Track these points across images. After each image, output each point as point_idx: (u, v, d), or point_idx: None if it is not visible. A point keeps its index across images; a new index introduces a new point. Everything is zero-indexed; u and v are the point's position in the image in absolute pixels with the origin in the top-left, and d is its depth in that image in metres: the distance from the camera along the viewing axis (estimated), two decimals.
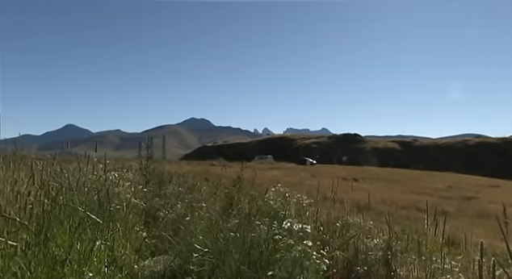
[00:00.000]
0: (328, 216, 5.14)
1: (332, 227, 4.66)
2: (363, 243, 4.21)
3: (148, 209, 6.21)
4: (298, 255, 2.93)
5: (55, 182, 4.17)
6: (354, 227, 4.65)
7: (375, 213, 6.41)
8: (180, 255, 4.03)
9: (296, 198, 6.06)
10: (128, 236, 4.23)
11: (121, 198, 4.98)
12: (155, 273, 3.80)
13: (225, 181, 8.45)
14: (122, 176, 6.84)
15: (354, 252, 4.06)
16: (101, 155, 7.01)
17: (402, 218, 12.05)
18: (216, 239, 3.71)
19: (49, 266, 2.57)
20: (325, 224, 4.76)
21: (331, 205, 6.20)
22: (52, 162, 5.26)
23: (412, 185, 28.90)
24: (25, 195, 3.37)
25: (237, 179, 7.07)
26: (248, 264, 3.31)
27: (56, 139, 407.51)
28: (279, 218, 4.39)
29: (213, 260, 3.48)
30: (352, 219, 4.91)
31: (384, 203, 14.18)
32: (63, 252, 2.78)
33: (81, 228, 2.93)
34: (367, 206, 6.76)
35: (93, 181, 5.21)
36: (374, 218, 5.44)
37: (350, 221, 4.82)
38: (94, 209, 3.71)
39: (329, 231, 4.54)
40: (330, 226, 4.72)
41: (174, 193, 7.26)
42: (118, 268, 3.40)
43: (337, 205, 6.47)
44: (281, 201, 5.90)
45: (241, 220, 4.09)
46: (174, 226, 5.04)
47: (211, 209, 5.33)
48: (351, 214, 5.27)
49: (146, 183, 8.13)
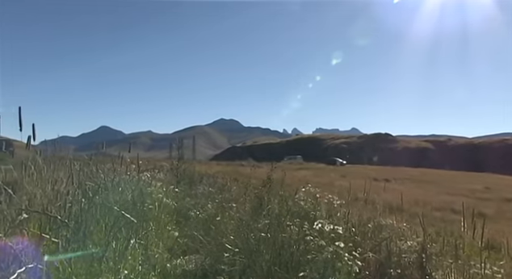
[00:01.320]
0: (359, 217, 5.05)
1: (364, 229, 4.57)
2: (396, 245, 4.10)
3: (180, 208, 6.31)
4: (330, 256, 2.90)
5: (91, 182, 4.31)
6: (387, 229, 4.54)
7: (408, 214, 6.25)
8: (211, 254, 4.07)
9: (327, 199, 6.00)
10: (160, 235, 4.32)
11: (153, 198, 5.09)
12: (187, 272, 3.86)
13: (255, 181, 8.48)
14: (154, 176, 6.99)
15: (386, 254, 3.96)
16: (133, 155, 7.18)
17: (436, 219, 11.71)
18: (247, 239, 3.72)
19: (87, 263, 2.66)
20: (357, 225, 4.67)
21: (362, 206, 6.09)
22: (88, 162, 5.43)
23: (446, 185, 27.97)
24: (64, 194, 3.51)
25: (267, 179, 7.08)
26: (279, 265, 3.31)
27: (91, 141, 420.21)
28: (310, 218, 4.36)
29: (244, 260, 3.49)
30: (384, 221, 4.80)
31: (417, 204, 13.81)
32: (100, 250, 2.87)
33: (116, 227, 3.02)
34: (399, 207, 6.58)
35: (126, 181, 5.34)
36: (407, 220, 5.29)
37: (382, 222, 4.71)
38: (128, 208, 3.80)
39: (361, 232, 4.45)
40: (362, 227, 4.64)
41: (205, 194, 7.35)
42: (151, 266, 3.47)
43: (368, 206, 6.36)
44: (311, 201, 5.86)
45: (272, 220, 4.08)
46: (205, 226, 5.09)
47: (241, 209, 5.36)
48: (383, 216, 5.15)
49: (177, 183, 8.27)
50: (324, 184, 15.03)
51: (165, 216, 5.10)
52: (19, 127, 3.37)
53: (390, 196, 10.21)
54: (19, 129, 3.39)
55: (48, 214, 2.57)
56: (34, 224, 2.91)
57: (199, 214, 5.49)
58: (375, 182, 20.41)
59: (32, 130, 3.50)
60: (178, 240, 4.34)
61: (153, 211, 4.62)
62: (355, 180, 14.86)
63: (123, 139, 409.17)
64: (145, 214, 3.96)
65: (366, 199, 6.55)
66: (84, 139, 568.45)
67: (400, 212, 5.92)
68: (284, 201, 5.18)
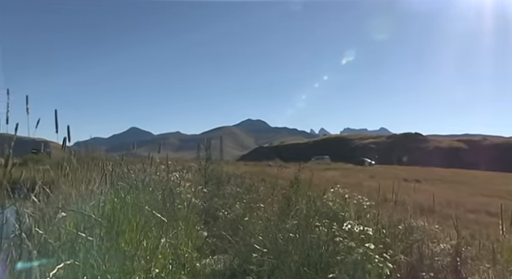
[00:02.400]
0: (389, 218, 4.95)
1: (394, 230, 4.48)
2: (428, 247, 3.99)
3: (208, 209, 6.39)
4: (360, 258, 2.86)
5: (123, 182, 4.42)
6: (418, 231, 4.43)
7: (441, 216, 6.06)
8: (239, 254, 4.10)
9: (356, 200, 5.91)
10: (189, 235, 4.38)
11: (182, 198, 5.16)
12: (216, 272, 3.90)
13: (282, 181, 8.46)
14: (183, 176, 7.09)
15: (418, 257, 3.86)
16: (162, 156, 7.32)
17: (470, 222, 11.31)
18: (275, 239, 3.73)
19: (120, 261, 2.73)
20: (387, 227, 4.58)
21: (392, 207, 5.97)
22: (120, 163, 5.57)
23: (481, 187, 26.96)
24: (97, 194, 3.62)
25: (294, 180, 7.05)
26: (307, 266, 3.30)
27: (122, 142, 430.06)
28: (339, 219, 4.32)
29: (273, 260, 3.50)
30: (415, 222, 4.69)
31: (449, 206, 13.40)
32: (131, 248, 2.94)
33: (147, 226, 3.08)
34: (430, 208, 6.40)
35: (156, 181, 5.46)
36: (439, 222, 5.13)
37: (413, 224, 4.60)
38: (158, 208, 3.88)
39: (392, 234, 4.36)
40: (392, 229, 4.54)
41: (233, 194, 7.39)
42: (181, 265, 3.53)
43: (398, 207, 6.23)
44: (340, 202, 5.79)
45: (300, 221, 4.06)
46: (233, 226, 5.13)
47: (269, 209, 5.36)
48: (414, 217, 5.03)
49: (205, 183, 8.37)
50: (352, 184, 14.83)
51: (193, 216, 5.17)
52: (55, 129, 3.49)
53: (421, 197, 9.96)
54: (55, 131, 3.51)
55: (83, 212, 2.66)
56: (70, 222, 3.01)
57: (227, 214, 5.53)
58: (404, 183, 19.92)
59: (67, 131, 3.62)
60: (206, 240, 4.39)
61: (183, 211, 4.69)
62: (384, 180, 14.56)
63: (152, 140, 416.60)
64: (175, 213, 4.02)
65: (396, 200, 6.42)
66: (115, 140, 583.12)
67: (432, 213, 5.76)
68: (312, 202, 5.14)
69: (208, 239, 4.56)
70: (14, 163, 2.72)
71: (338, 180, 16.78)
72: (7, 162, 2.49)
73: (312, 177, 7.83)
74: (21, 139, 2.89)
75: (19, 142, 2.83)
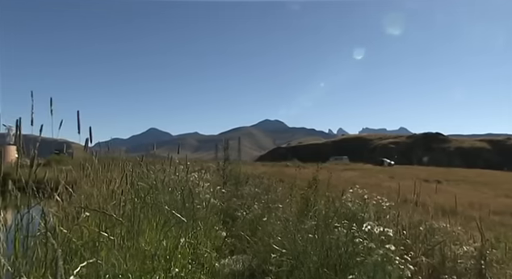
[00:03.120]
0: (410, 219, 4.87)
1: (415, 232, 4.40)
2: (451, 249, 3.90)
3: (226, 209, 6.41)
4: (380, 259, 2.82)
5: (143, 182, 4.48)
6: (440, 233, 4.34)
7: (463, 218, 5.91)
8: (258, 255, 4.10)
9: (375, 200, 5.84)
10: (208, 235, 4.41)
11: (201, 198, 5.20)
12: (235, 272, 3.91)
13: (300, 182, 8.42)
14: (201, 177, 7.14)
15: (440, 259, 3.78)
16: (181, 156, 7.38)
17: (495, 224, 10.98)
18: (294, 240, 3.71)
19: (140, 260, 2.76)
20: (407, 228, 4.50)
21: (413, 208, 5.87)
22: (140, 163, 5.65)
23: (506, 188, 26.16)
24: (118, 194, 3.67)
25: (313, 180, 7.01)
26: (327, 267, 3.27)
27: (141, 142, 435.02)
28: (358, 220, 4.27)
29: (292, 261, 3.48)
30: (437, 224, 4.59)
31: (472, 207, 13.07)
32: (151, 248, 2.98)
33: (167, 226, 3.11)
34: (452, 209, 6.25)
35: (175, 181, 5.51)
36: (461, 224, 5.01)
37: (434, 225, 4.51)
38: (178, 208, 3.91)
39: (412, 235, 4.28)
40: (413, 230, 4.46)
41: (251, 194, 7.40)
42: (200, 265, 3.55)
43: (419, 208, 6.12)
44: (359, 203, 5.73)
45: (319, 222, 4.04)
46: (252, 227, 5.13)
47: (287, 210, 5.35)
48: (436, 218, 4.93)
49: (224, 184, 8.40)
50: (371, 185, 14.62)
51: (212, 216, 5.19)
52: (78, 130, 3.56)
53: (442, 198, 9.74)
54: (78, 132, 3.57)
55: (105, 212, 2.70)
56: (91, 222, 3.07)
57: (246, 214, 5.54)
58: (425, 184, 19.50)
59: (89, 133, 3.68)
60: (225, 240, 4.40)
61: (202, 211, 4.72)
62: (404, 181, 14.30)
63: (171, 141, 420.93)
64: (194, 213, 4.05)
65: (416, 201, 6.31)
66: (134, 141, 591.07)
67: (454, 215, 5.63)
68: (331, 203, 5.10)
69: (227, 240, 4.57)
70: (39, 163, 2.79)
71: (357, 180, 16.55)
72: (32, 163, 2.56)
73: (330, 178, 7.77)
74: (44, 139, 2.95)
75: (42, 143, 2.90)
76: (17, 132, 2.63)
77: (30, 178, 2.64)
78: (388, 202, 5.74)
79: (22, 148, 2.69)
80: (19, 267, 2.14)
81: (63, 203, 3.43)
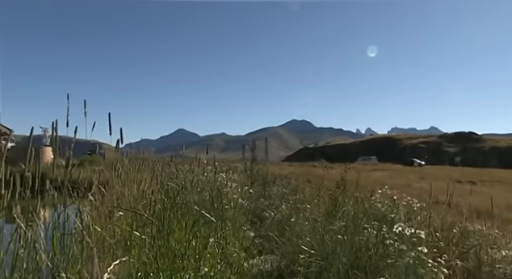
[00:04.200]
0: (442, 221, 4.73)
1: (448, 234, 4.27)
2: (488, 253, 3.74)
3: (254, 209, 6.42)
4: (412, 261, 2.76)
5: (172, 182, 4.55)
6: (475, 235, 4.19)
7: (500, 220, 5.70)
8: (286, 255, 4.08)
9: (406, 201, 5.72)
10: (237, 235, 4.43)
11: (229, 198, 5.23)
12: (263, 272, 3.91)
13: (328, 182, 8.34)
14: (229, 177, 7.18)
15: (476, 264, 3.63)
16: (209, 157, 7.46)
17: None
18: (323, 241, 3.68)
19: (170, 259, 2.81)
20: (440, 230, 4.38)
21: (445, 209, 5.71)
22: (169, 164, 5.74)
23: None
24: (148, 194, 3.75)
25: (341, 180, 6.93)
26: (356, 268, 3.22)
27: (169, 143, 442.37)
28: (388, 221, 4.19)
29: (320, 262, 3.45)
30: (472, 226, 4.44)
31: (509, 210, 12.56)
32: (181, 247, 3.02)
33: (196, 226, 3.15)
34: (488, 211, 6.03)
35: (203, 181, 5.57)
36: (498, 227, 4.82)
37: (469, 228, 4.36)
38: (206, 208, 3.95)
39: (445, 237, 4.15)
40: (446, 232, 4.33)
41: (278, 195, 7.38)
42: (229, 264, 3.57)
43: (452, 209, 5.95)
44: (389, 204, 5.63)
45: (347, 223, 3.99)
46: (280, 227, 5.12)
47: (315, 210, 5.31)
48: (470, 221, 4.77)
49: (251, 184, 8.42)
50: (401, 186, 14.31)
51: (240, 216, 5.22)
52: (109, 131, 3.65)
53: (477, 199, 9.42)
54: (109, 133, 3.66)
55: (137, 211, 2.77)
56: (123, 221, 3.15)
57: (274, 214, 5.53)
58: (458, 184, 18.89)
59: (120, 134, 3.78)
60: (253, 240, 4.41)
61: (230, 211, 4.74)
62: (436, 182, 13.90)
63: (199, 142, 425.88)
64: (223, 214, 4.09)
65: (449, 202, 6.14)
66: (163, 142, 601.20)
67: (490, 217, 5.44)
68: (360, 203, 5.03)
69: (255, 240, 4.58)
70: (73, 164, 2.89)
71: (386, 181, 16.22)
72: (68, 163, 2.65)
73: (358, 178, 7.66)
74: (77, 140, 3.05)
75: (76, 144, 3.00)
76: (53, 134, 2.73)
77: (66, 178, 2.74)
78: (418, 203, 5.61)
79: (58, 149, 2.79)
80: (58, 263, 2.23)
81: (96, 202, 3.53)
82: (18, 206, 2.37)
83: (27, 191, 2.57)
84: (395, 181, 18.93)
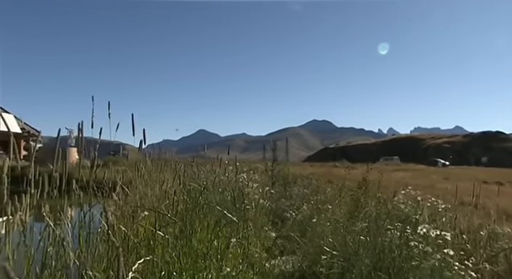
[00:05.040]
0: (469, 223, 4.61)
1: (475, 236, 4.15)
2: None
3: (275, 209, 6.42)
4: (437, 264, 2.70)
5: (194, 183, 4.60)
6: (505, 238, 4.06)
7: None
8: (308, 256, 4.06)
9: (430, 202, 5.60)
10: (258, 235, 4.43)
11: (250, 199, 5.24)
12: (285, 273, 3.90)
13: (349, 183, 8.25)
14: (250, 177, 7.20)
15: (507, 268, 3.51)
16: (229, 157, 7.50)
17: None
18: (345, 242, 3.64)
19: (193, 259, 2.83)
20: (466, 232, 4.26)
21: (471, 211, 5.56)
22: (191, 164, 5.79)
23: None
24: (170, 194, 3.79)
25: (363, 181, 6.85)
26: (379, 270, 3.18)
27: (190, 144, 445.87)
28: (411, 222, 4.12)
29: (343, 263, 3.42)
30: (501, 229, 4.30)
31: None
32: (203, 247, 3.04)
33: (218, 226, 3.17)
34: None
35: (224, 182, 5.60)
36: None
37: (498, 230, 4.22)
38: (228, 208, 3.97)
39: (472, 240, 4.04)
40: (472, 234, 4.21)
41: (300, 195, 7.36)
42: (250, 265, 3.57)
43: (478, 211, 5.79)
44: (412, 204, 5.53)
45: (370, 223, 3.94)
46: (301, 228, 5.10)
47: (336, 211, 5.26)
48: (499, 223, 4.62)
49: (272, 184, 8.42)
50: (424, 186, 14.02)
51: (261, 217, 5.22)
52: (132, 132, 3.71)
53: (505, 201, 9.14)
54: (132, 134, 3.72)
55: (160, 211, 2.80)
56: (146, 221, 3.20)
57: (296, 215, 5.51)
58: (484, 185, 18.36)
59: (143, 134, 3.83)
60: (275, 241, 4.41)
61: (251, 212, 4.75)
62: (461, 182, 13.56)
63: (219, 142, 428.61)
64: (244, 214, 4.10)
65: (475, 203, 5.98)
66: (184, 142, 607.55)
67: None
68: (383, 204, 4.95)
69: (276, 240, 4.57)
70: (98, 164, 2.95)
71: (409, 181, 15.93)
72: (93, 164, 2.71)
73: (380, 179, 7.55)
74: (101, 141, 3.12)
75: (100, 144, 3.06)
76: (79, 135, 2.79)
77: (91, 178, 2.80)
78: (443, 204, 5.48)
79: (84, 150, 2.86)
80: (84, 261, 2.28)
81: (120, 202, 3.60)
82: (47, 205, 2.44)
83: (54, 191, 2.65)
84: (418, 181, 18.55)
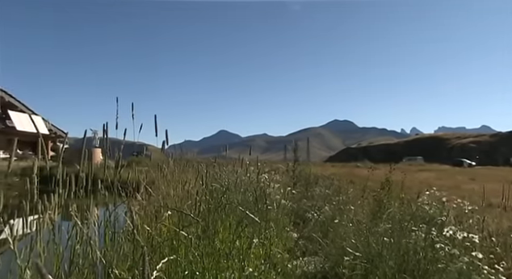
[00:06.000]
0: (498, 226, 4.47)
1: (505, 239, 4.01)
2: None
3: (297, 210, 6.39)
4: (465, 267, 2.62)
5: (216, 183, 4.62)
6: None
7: None
8: (330, 257, 4.03)
9: (455, 203, 5.46)
10: (280, 236, 4.42)
11: (272, 199, 5.23)
12: (307, 274, 3.88)
13: (371, 183, 8.14)
14: (271, 178, 7.19)
15: None
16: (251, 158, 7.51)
17: None
18: (368, 243, 3.59)
19: (215, 258, 2.85)
20: (495, 235, 4.13)
21: (500, 213, 5.39)
22: (213, 164, 5.83)
23: None
24: (193, 194, 3.83)
25: (386, 181, 6.75)
26: (404, 272, 3.12)
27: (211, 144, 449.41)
28: (436, 224, 4.03)
29: (366, 264, 3.37)
30: None
31: None
32: (226, 247, 3.06)
33: (240, 226, 3.17)
34: None
35: (246, 182, 5.61)
36: None
37: None
38: (250, 208, 3.98)
39: (502, 243, 3.91)
40: (502, 237, 4.07)
41: (321, 195, 7.30)
42: (272, 265, 3.57)
43: (508, 213, 5.61)
44: (437, 206, 5.41)
45: (394, 225, 3.87)
46: (323, 228, 5.06)
47: (359, 212, 5.20)
48: None
49: (294, 185, 8.38)
50: (449, 187, 13.69)
51: (283, 217, 5.20)
52: (155, 133, 3.75)
53: None
54: (155, 135, 3.77)
55: (183, 211, 2.83)
56: (169, 221, 3.23)
57: (318, 216, 5.48)
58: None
59: (165, 135, 3.87)
60: (297, 241, 4.39)
61: (273, 212, 4.74)
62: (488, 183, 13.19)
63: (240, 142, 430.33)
64: (266, 214, 4.10)
65: (504, 205, 5.79)
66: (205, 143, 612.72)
67: None
68: (407, 205, 4.87)
69: (298, 241, 4.55)
70: (122, 165, 3.01)
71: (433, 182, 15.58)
72: (118, 164, 2.76)
73: (404, 179, 7.41)
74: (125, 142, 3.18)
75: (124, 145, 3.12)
76: (104, 136, 2.85)
77: (115, 178, 2.85)
78: (470, 206, 5.34)
79: (108, 151, 2.92)
80: (111, 260, 2.33)
81: (144, 202, 3.66)
82: (75, 205, 2.50)
83: (81, 190, 2.72)
84: (443, 182, 18.14)
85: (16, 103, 31.26)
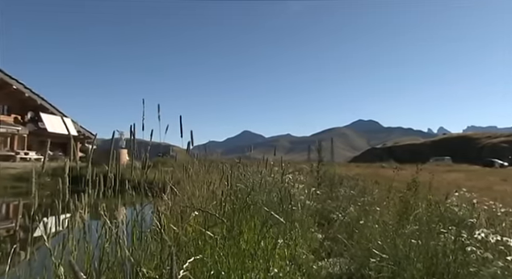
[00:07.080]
0: None
1: None
2: None
3: (321, 211, 6.35)
4: (499, 272, 2.53)
5: (240, 183, 4.64)
6: None
7: None
8: (356, 258, 3.98)
9: (487, 205, 5.29)
10: (305, 237, 4.40)
11: (296, 200, 5.21)
12: (332, 275, 3.85)
13: (397, 184, 7.99)
14: (296, 178, 7.17)
15: None
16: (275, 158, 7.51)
17: None
18: (395, 245, 3.53)
19: (240, 259, 2.86)
20: None
21: None
22: (238, 165, 5.86)
23: None
24: (218, 194, 3.86)
25: (412, 182, 6.62)
26: (432, 275, 3.05)
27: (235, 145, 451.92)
28: (466, 226, 3.92)
29: (393, 267, 3.32)
30: None
31: None
32: (251, 248, 3.06)
33: (265, 227, 3.18)
34: None
35: (270, 183, 5.61)
36: None
37: None
38: (274, 209, 3.97)
39: None
40: None
41: (346, 196, 7.23)
42: (297, 266, 3.56)
43: None
44: (467, 207, 5.26)
45: (421, 226, 3.79)
46: (348, 229, 5.01)
47: (385, 213, 5.12)
48: None
49: (318, 185, 8.34)
50: (480, 188, 13.28)
51: (307, 218, 5.18)
52: (180, 134, 3.80)
53: None
54: (180, 135, 3.81)
55: (209, 212, 2.85)
56: (194, 221, 3.27)
57: (342, 217, 5.43)
58: None
59: (190, 136, 3.92)
60: (322, 242, 4.36)
61: (297, 213, 4.73)
62: None
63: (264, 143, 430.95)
64: (291, 215, 4.08)
65: None
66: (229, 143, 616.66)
67: None
68: (436, 206, 4.75)
69: (323, 242, 4.53)
70: (149, 165, 3.06)
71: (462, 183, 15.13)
72: (145, 165, 2.82)
73: (431, 180, 7.24)
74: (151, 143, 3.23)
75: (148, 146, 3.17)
76: (131, 137, 2.91)
77: (142, 179, 2.91)
78: (503, 208, 5.17)
79: (135, 152, 2.98)
80: (139, 259, 2.38)
81: (170, 202, 3.71)
82: (103, 204, 2.58)
83: (109, 190, 2.79)
84: (473, 183, 17.62)
85: (47, 106, 32.34)
